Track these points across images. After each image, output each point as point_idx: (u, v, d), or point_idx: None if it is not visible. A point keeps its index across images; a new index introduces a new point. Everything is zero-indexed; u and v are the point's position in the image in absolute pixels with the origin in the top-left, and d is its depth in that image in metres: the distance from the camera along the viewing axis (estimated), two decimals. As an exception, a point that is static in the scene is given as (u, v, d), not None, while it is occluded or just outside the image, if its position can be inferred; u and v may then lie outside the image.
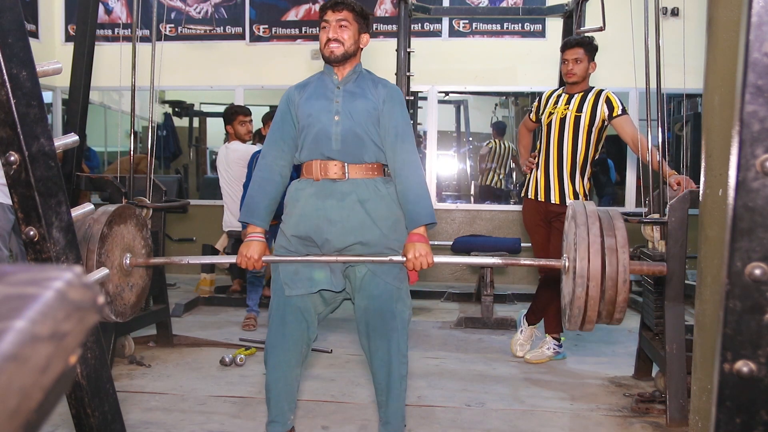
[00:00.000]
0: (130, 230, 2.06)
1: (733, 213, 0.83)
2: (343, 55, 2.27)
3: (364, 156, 2.25)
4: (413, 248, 2.17)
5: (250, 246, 2.26)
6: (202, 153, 9.08)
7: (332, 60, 2.28)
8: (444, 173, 8.47)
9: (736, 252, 0.83)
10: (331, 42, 2.26)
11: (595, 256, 1.76)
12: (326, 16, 2.29)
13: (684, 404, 2.74)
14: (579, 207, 1.91)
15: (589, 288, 1.76)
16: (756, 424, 0.84)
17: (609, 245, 1.78)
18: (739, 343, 0.83)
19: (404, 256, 2.18)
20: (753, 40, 0.81)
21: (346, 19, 2.27)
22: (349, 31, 2.28)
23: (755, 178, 0.82)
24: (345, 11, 2.27)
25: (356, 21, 2.29)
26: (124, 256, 2.03)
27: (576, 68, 3.52)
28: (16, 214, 1.46)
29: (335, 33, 2.26)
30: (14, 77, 1.37)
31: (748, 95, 0.81)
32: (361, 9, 2.32)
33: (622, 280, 1.75)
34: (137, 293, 2.15)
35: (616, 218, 1.86)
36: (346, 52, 2.27)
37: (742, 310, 0.83)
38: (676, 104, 7.01)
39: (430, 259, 2.17)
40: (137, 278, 2.14)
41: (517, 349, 3.85)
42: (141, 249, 2.14)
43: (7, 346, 0.37)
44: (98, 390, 1.55)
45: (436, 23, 6.62)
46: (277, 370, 2.27)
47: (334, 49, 2.26)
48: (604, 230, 1.81)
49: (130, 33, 3.92)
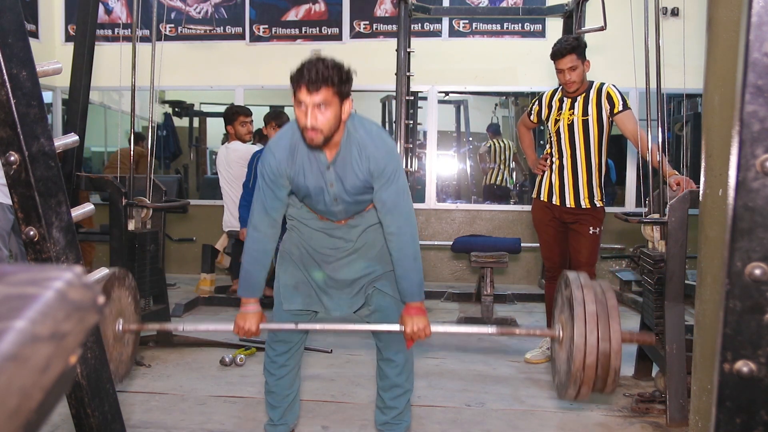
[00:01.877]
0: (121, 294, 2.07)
1: (733, 213, 0.83)
2: (324, 141, 2.01)
3: (366, 203, 2.28)
4: (411, 322, 2.16)
5: (246, 318, 2.24)
6: (202, 153, 9.08)
7: (314, 147, 2.05)
8: (444, 173, 8.46)
9: (736, 252, 0.83)
10: (308, 130, 1.96)
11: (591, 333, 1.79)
12: (300, 94, 1.95)
13: (684, 404, 2.74)
14: (573, 276, 1.93)
15: (586, 364, 1.79)
16: (756, 424, 0.84)
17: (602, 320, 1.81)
18: (739, 343, 0.83)
19: (402, 325, 2.18)
20: (753, 40, 0.81)
21: (326, 99, 1.95)
22: (329, 112, 1.96)
23: (755, 178, 0.82)
24: (324, 89, 1.93)
25: (337, 94, 1.97)
26: (117, 323, 2.04)
27: (573, 75, 3.39)
28: (16, 214, 1.46)
29: (314, 119, 1.94)
30: (14, 77, 1.37)
31: (748, 95, 0.81)
32: (341, 77, 1.97)
33: (614, 353, 1.79)
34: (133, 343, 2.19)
35: (608, 290, 1.90)
36: (326, 138, 2.00)
37: (742, 310, 0.83)
38: (676, 104, 7.01)
39: (428, 331, 2.17)
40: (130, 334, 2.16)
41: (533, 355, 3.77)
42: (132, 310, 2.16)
43: (7, 346, 0.37)
44: (98, 390, 1.55)
45: (436, 23, 6.62)
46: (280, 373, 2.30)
47: (313, 138, 1.98)
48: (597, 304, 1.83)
49: (130, 33, 3.92)
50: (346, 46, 6.62)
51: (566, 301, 1.92)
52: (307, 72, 1.94)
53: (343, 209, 2.23)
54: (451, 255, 6.41)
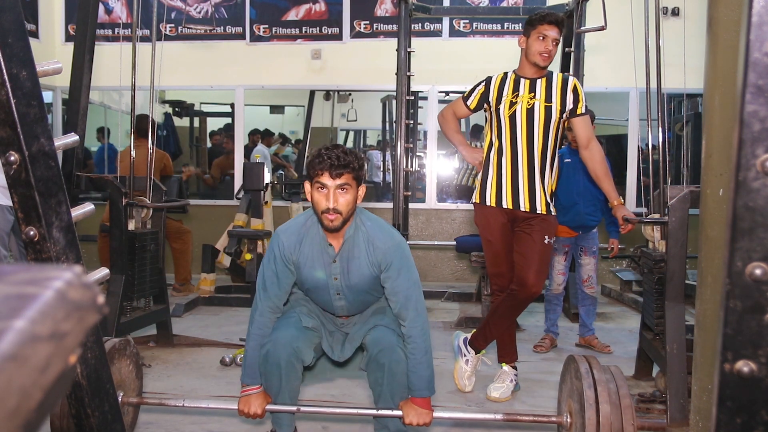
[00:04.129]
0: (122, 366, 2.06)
1: (734, 213, 0.83)
2: (343, 223, 2.09)
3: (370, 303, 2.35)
4: (414, 412, 2.16)
5: (249, 402, 2.25)
6: (202, 153, 9.09)
7: (331, 230, 2.09)
8: (444, 173, 8.46)
9: (737, 252, 0.83)
10: (330, 213, 2.04)
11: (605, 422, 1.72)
12: (323, 179, 2.02)
13: (684, 404, 2.74)
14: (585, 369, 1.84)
15: None
16: (756, 424, 0.84)
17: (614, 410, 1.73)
18: (740, 343, 0.83)
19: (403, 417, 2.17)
20: (753, 40, 0.81)
21: (347, 183, 2.03)
22: (349, 195, 2.05)
23: (756, 178, 0.82)
24: (345, 174, 2.02)
25: (356, 179, 2.06)
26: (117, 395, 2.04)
27: (554, 50, 2.95)
28: (16, 214, 1.46)
29: (336, 202, 2.03)
30: (14, 77, 1.37)
31: (748, 95, 0.81)
32: (359, 163, 2.06)
33: None
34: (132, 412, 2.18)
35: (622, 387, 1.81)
36: (344, 220, 2.09)
37: (743, 310, 0.83)
38: (676, 104, 7.01)
39: (429, 423, 2.18)
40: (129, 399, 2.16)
41: (465, 384, 3.22)
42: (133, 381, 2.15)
43: (7, 346, 0.37)
44: (98, 390, 1.55)
45: (436, 23, 6.62)
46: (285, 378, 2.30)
47: (333, 220, 2.05)
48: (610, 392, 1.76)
49: (130, 33, 3.92)
50: (346, 46, 6.62)
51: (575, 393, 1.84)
52: (329, 158, 2.00)
53: (345, 306, 2.26)
54: (452, 255, 6.41)
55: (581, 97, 3.01)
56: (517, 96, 3.00)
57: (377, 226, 2.18)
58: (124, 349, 2.05)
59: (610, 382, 1.82)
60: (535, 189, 2.98)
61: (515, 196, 2.99)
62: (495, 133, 3.07)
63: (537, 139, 2.97)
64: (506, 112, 3.01)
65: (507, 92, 3.03)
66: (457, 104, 3.20)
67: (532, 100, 2.98)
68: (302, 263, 2.17)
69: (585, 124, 3.04)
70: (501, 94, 3.04)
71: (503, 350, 3.26)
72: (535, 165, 2.98)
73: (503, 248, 3.06)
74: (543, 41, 2.93)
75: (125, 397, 2.03)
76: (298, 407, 2.23)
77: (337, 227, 2.07)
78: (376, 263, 2.13)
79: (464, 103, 3.15)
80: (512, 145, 3.00)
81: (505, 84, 3.05)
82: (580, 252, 4.14)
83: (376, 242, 2.13)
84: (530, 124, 2.98)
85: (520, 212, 3.01)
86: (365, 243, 2.13)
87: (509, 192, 3.00)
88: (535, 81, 3.02)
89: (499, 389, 3.14)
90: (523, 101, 2.99)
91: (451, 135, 3.28)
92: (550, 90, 3.00)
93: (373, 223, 2.18)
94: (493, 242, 3.07)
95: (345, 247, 2.15)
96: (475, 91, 3.13)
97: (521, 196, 2.99)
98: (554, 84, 3.01)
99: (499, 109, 3.03)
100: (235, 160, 6.92)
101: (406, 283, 2.15)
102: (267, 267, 2.21)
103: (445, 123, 3.27)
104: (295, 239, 2.17)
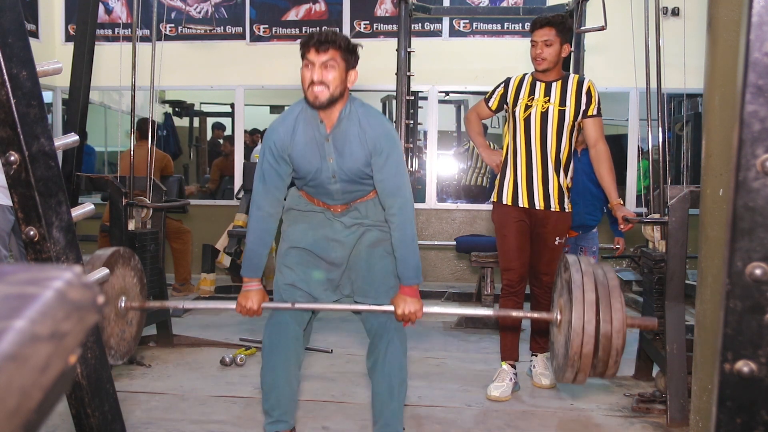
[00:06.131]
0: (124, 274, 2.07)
1: (734, 213, 0.83)
2: (329, 100, 2.08)
3: (363, 192, 2.30)
4: (404, 303, 2.18)
5: (248, 297, 2.26)
6: (202, 153, 9.09)
7: (317, 106, 2.09)
8: (444, 173, 8.47)
9: (737, 252, 0.83)
10: (315, 85, 2.05)
11: (590, 314, 1.74)
12: (309, 55, 2.06)
13: (684, 404, 2.74)
14: (572, 260, 1.88)
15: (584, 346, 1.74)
16: (756, 424, 0.84)
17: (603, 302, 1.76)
18: (740, 343, 0.83)
19: (395, 309, 2.19)
20: (753, 40, 0.81)
21: (333, 59, 2.05)
22: (335, 72, 2.06)
23: (756, 178, 0.82)
24: (331, 50, 2.05)
25: (344, 59, 2.08)
26: (119, 300, 2.03)
27: (546, 52, 3.03)
28: (16, 214, 1.46)
29: (320, 75, 2.05)
30: (14, 77, 1.37)
31: (748, 95, 0.81)
32: (348, 44, 2.09)
33: (616, 332, 1.74)
34: (137, 324, 2.17)
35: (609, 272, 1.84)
36: (332, 97, 2.07)
37: (743, 310, 0.83)
38: (677, 104, 7.01)
39: (419, 314, 2.19)
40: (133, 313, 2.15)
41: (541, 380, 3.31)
42: (136, 288, 2.15)
43: (7, 346, 0.37)
44: (98, 390, 1.55)
45: (436, 23, 6.62)
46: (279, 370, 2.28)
47: (318, 94, 2.06)
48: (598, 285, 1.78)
49: (130, 33, 3.92)
50: (346, 46, 6.61)
51: (565, 285, 1.88)
52: (317, 35, 2.06)
53: (340, 189, 2.24)
54: (452, 255, 6.41)
55: (594, 99, 3.09)
56: (532, 99, 3.11)
57: (369, 112, 2.20)
58: (129, 259, 2.06)
59: (597, 268, 1.86)
60: (548, 188, 3.11)
61: (530, 195, 3.13)
62: (511, 135, 3.18)
63: (551, 141, 3.09)
64: (521, 115, 3.12)
65: (523, 95, 3.14)
66: (480, 105, 3.34)
67: (546, 104, 3.09)
68: (296, 150, 2.18)
69: (595, 125, 3.12)
70: (517, 97, 3.15)
71: (506, 349, 3.29)
72: (549, 166, 3.10)
73: (516, 244, 3.16)
74: (534, 47, 3.08)
75: (128, 302, 2.05)
76: (292, 303, 2.21)
77: (323, 102, 2.07)
78: (367, 147, 2.14)
79: (486, 104, 3.28)
80: (527, 147, 3.11)
81: (522, 86, 3.16)
82: (580, 252, 4.15)
83: (368, 127, 2.15)
84: (544, 127, 3.09)
85: (536, 210, 3.13)
86: (357, 126, 2.15)
87: (524, 191, 3.13)
88: (551, 84, 3.11)
89: (499, 388, 3.15)
90: (538, 105, 3.09)
91: (473, 137, 3.44)
92: (564, 93, 3.10)
93: (366, 109, 2.20)
94: (507, 237, 3.18)
95: (338, 128, 2.15)
96: (496, 92, 3.25)
97: (536, 195, 3.12)
98: (569, 87, 3.10)
99: (515, 111, 3.14)
100: (235, 160, 6.92)
101: (393, 170, 2.16)
102: (264, 160, 2.22)
103: (468, 125, 3.44)
104: (290, 128, 2.18)
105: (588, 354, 1.75)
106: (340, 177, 2.20)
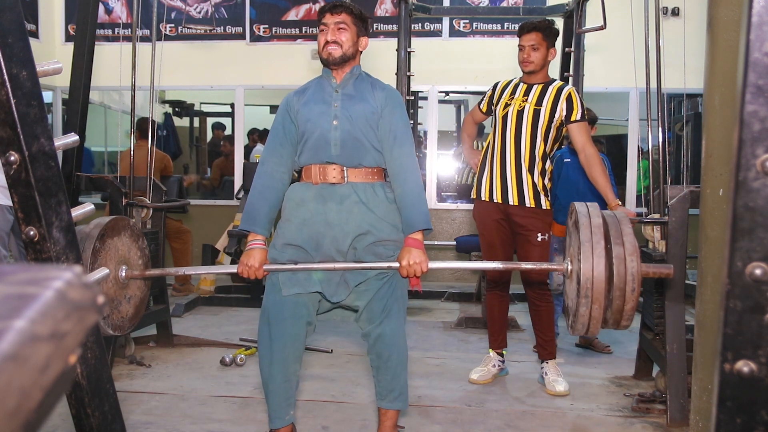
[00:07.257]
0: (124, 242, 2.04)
1: (734, 213, 0.83)
2: (342, 57, 2.27)
3: (363, 160, 2.26)
4: (408, 254, 2.15)
5: (251, 254, 2.24)
6: (202, 153, 9.09)
7: (330, 62, 2.28)
8: (444, 173, 8.47)
9: (737, 252, 0.83)
10: (329, 44, 2.27)
11: (600, 262, 1.65)
12: (324, 19, 2.30)
13: (684, 404, 2.74)
14: (582, 208, 1.79)
15: (594, 296, 1.65)
16: (756, 424, 0.84)
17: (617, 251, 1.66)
18: (740, 343, 0.83)
19: (399, 262, 2.15)
20: (753, 40, 0.81)
21: (345, 22, 2.28)
22: (347, 33, 2.29)
23: (756, 178, 0.82)
24: (344, 14, 2.28)
25: (355, 24, 2.30)
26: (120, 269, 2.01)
27: (533, 56, 3.16)
28: (16, 214, 1.46)
29: (333, 35, 2.27)
30: (14, 77, 1.37)
31: (748, 95, 0.81)
32: (359, 12, 2.33)
33: (630, 288, 1.64)
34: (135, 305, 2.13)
35: (623, 222, 1.74)
36: (344, 54, 2.27)
37: (743, 310, 0.83)
38: (676, 104, 7.01)
39: (424, 267, 2.14)
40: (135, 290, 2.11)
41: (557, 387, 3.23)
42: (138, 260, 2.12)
43: (7, 346, 0.37)
44: (98, 390, 1.55)
45: (436, 23, 6.62)
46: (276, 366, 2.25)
47: (332, 51, 2.26)
48: (611, 234, 1.69)
49: (130, 33, 3.92)
50: (346, 46, 6.61)
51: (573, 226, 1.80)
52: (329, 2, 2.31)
53: (339, 138, 2.23)
54: (452, 255, 6.41)
55: (576, 104, 3.16)
56: (512, 98, 3.24)
57: (379, 80, 2.39)
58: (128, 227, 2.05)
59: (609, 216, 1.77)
60: (522, 183, 3.17)
61: (504, 191, 3.21)
62: (492, 133, 3.31)
63: (525, 138, 3.17)
64: (500, 113, 3.25)
65: (505, 95, 3.28)
66: (474, 109, 3.51)
67: (524, 102, 3.20)
68: (305, 102, 2.32)
69: (580, 130, 3.17)
70: (501, 97, 3.29)
71: (494, 337, 3.44)
72: (522, 162, 3.17)
73: (497, 241, 3.28)
74: (521, 51, 3.23)
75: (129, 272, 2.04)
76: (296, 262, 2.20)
77: (336, 59, 2.26)
78: (376, 101, 2.29)
79: (478, 107, 3.46)
80: (502, 144, 3.22)
81: (507, 88, 3.31)
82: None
83: (378, 86, 2.34)
84: (519, 125, 3.19)
85: (511, 206, 3.20)
86: (368, 84, 2.33)
87: (499, 187, 3.22)
88: (532, 86, 3.24)
89: (479, 372, 3.36)
90: (516, 103, 3.22)
91: (462, 137, 3.65)
92: (543, 95, 3.20)
93: (377, 79, 2.39)
94: (486, 235, 3.31)
95: (348, 81, 2.32)
96: (485, 96, 3.42)
97: (510, 191, 3.19)
98: (549, 91, 3.21)
99: (496, 110, 3.29)
100: (235, 160, 6.92)
101: (399, 122, 2.29)
102: (276, 121, 2.37)
103: (462, 127, 3.66)
104: (302, 90, 2.38)
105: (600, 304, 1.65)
106: (342, 124, 2.24)
